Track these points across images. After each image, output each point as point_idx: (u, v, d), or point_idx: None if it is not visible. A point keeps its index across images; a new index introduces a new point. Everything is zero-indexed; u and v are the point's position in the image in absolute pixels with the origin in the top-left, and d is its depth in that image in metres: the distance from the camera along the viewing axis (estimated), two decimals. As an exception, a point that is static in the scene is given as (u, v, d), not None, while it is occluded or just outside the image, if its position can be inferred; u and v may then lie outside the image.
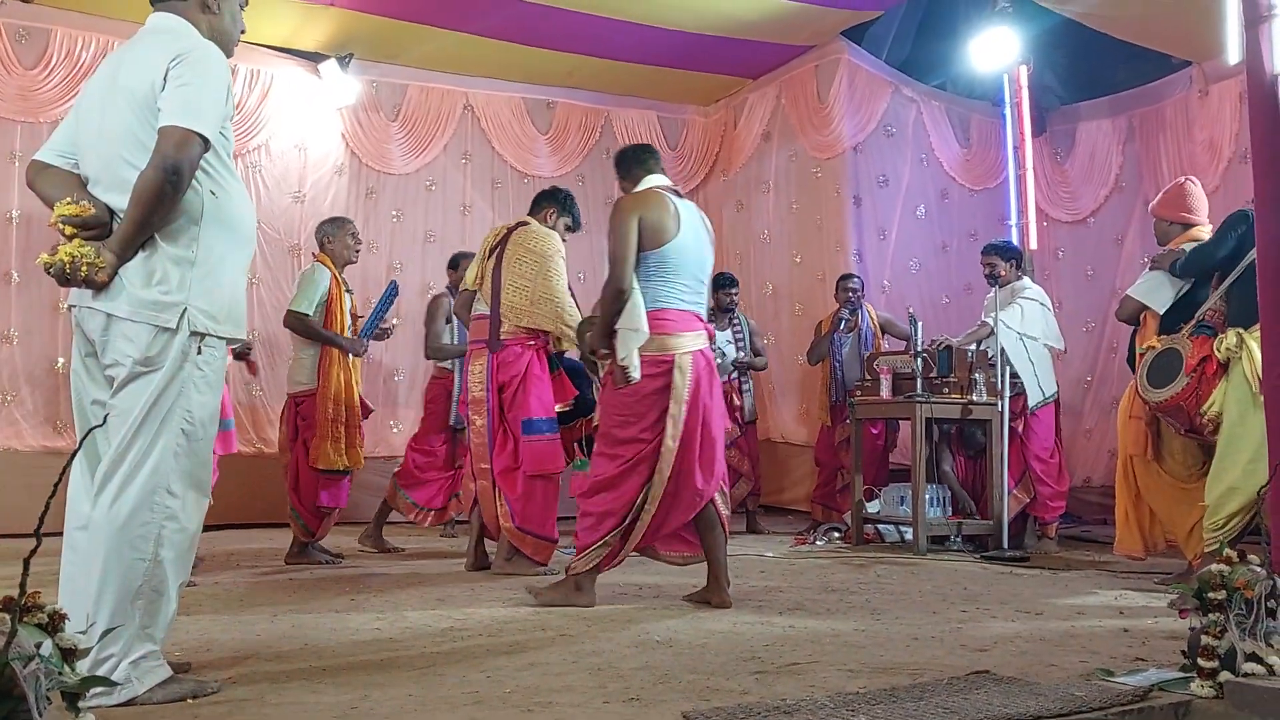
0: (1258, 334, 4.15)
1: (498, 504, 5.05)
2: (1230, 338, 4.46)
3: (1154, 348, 4.73)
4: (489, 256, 5.24)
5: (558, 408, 5.12)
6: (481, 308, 5.23)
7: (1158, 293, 4.98)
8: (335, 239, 5.75)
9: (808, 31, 8.16)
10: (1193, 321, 4.69)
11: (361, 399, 5.81)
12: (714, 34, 8.06)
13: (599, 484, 4.12)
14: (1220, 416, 4.46)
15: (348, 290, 5.76)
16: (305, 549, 5.60)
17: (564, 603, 4.06)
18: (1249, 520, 4.23)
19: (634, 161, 4.36)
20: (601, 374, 4.23)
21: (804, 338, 8.14)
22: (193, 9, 2.79)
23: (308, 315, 5.56)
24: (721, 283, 7.41)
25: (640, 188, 4.24)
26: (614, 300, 4.02)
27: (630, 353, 3.99)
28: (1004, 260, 6.56)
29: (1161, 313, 4.92)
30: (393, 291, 6.00)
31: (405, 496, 6.21)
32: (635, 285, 4.02)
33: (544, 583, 4.39)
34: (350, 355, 5.63)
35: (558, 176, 8.79)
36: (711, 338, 4.35)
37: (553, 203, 5.36)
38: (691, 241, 4.15)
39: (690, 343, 4.11)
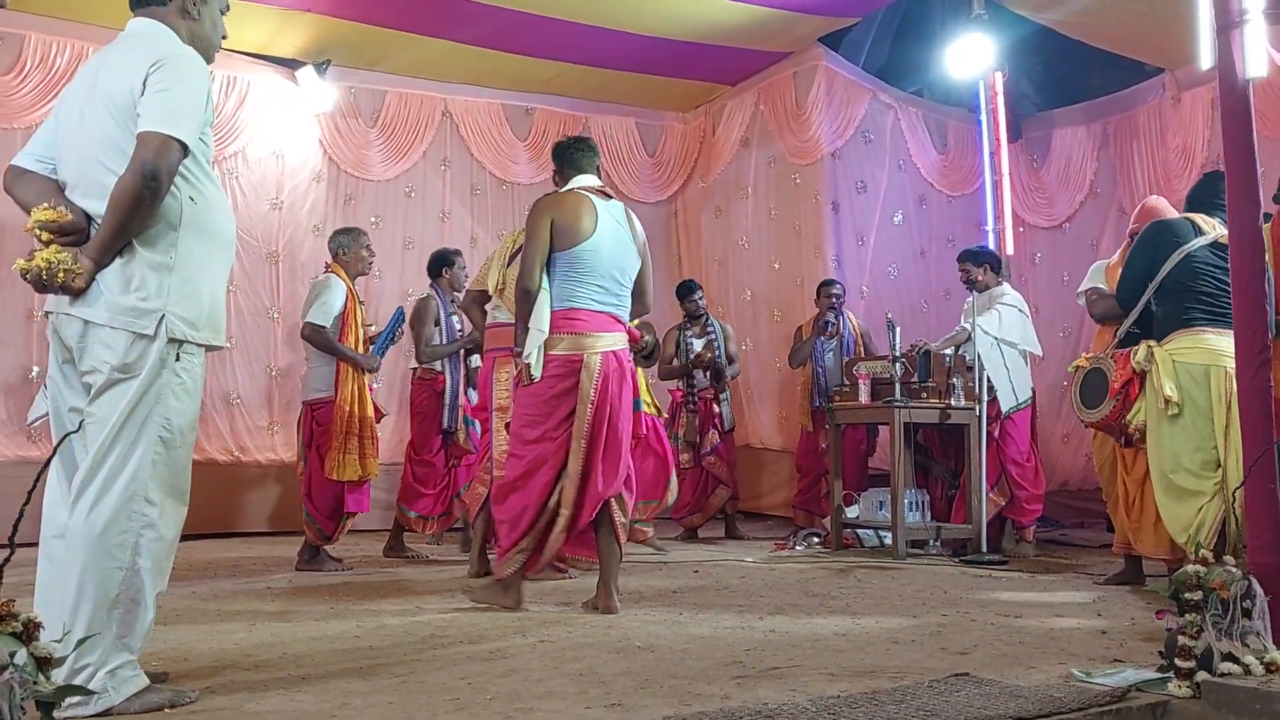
0: (1175, 343, 4.29)
1: None
2: (1141, 351, 4.39)
3: (1081, 367, 4.71)
4: (510, 263, 5.16)
5: None
6: (501, 315, 5.19)
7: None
8: (350, 250, 5.76)
9: (786, 38, 8.20)
10: (1115, 338, 4.67)
11: (375, 405, 5.88)
12: (692, 40, 8.08)
13: (506, 486, 4.14)
14: (1145, 426, 4.37)
15: (360, 302, 5.79)
16: (318, 553, 5.63)
17: (490, 602, 4.08)
18: (1217, 525, 4.12)
19: (566, 160, 4.36)
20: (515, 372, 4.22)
21: (783, 343, 8.16)
22: (172, 14, 2.77)
23: (324, 328, 5.56)
24: (682, 291, 7.44)
25: (567, 187, 4.27)
26: (522, 300, 4.12)
27: (532, 351, 4.05)
28: (976, 266, 6.60)
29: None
30: (398, 319, 6.01)
31: (407, 512, 6.25)
32: (545, 285, 4.08)
33: (479, 583, 4.38)
34: (364, 371, 5.66)
35: (536, 183, 8.79)
36: (635, 340, 4.34)
37: None
38: (607, 242, 4.14)
39: (601, 343, 4.11)
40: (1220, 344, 4.16)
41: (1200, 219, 4.44)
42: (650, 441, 6.27)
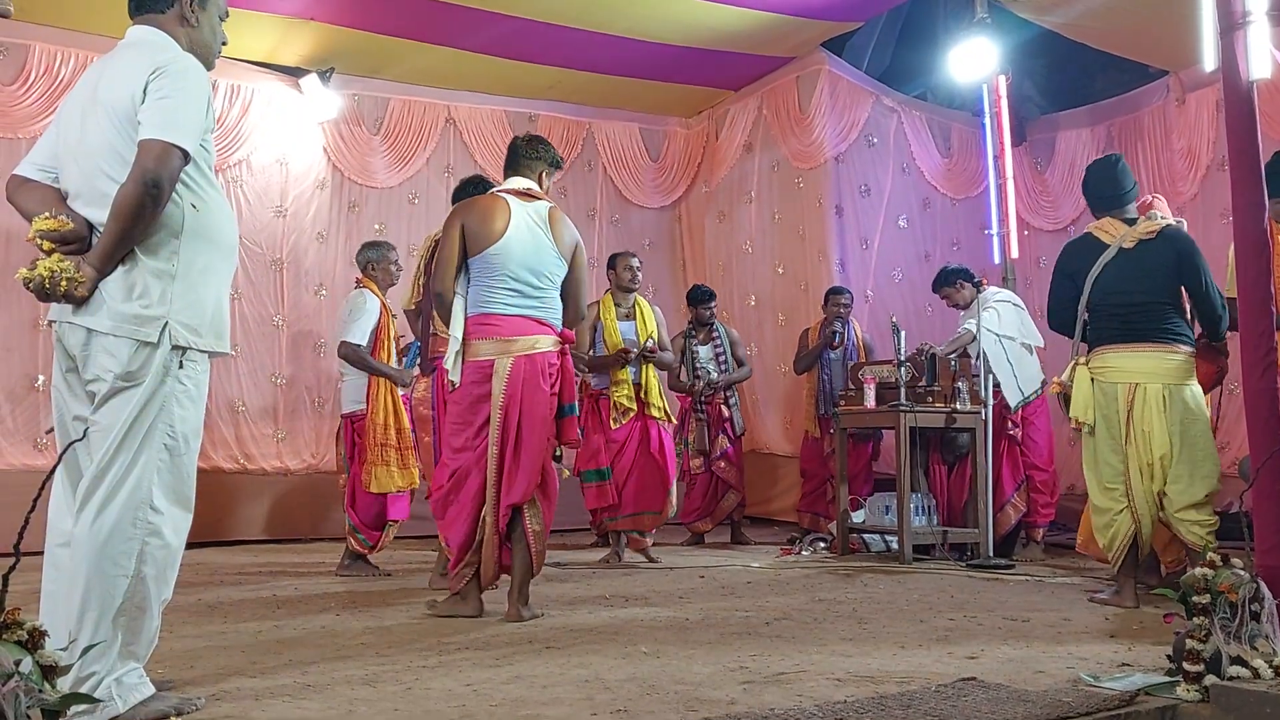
0: (1095, 361, 4.43)
1: None
2: (1066, 370, 4.60)
3: (1056, 394, 4.82)
4: (423, 273, 5.23)
5: None
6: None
7: None
8: (379, 265, 5.82)
9: (789, 43, 8.20)
10: (1073, 357, 4.76)
11: None
12: (695, 46, 8.09)
13: (442, 499, 4.17)
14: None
15: (393, 315, 5.84)
16: (358, 560, 5.67)
17: (451, 614, 4.08)
18: (1128, 538, 4.36)
19: (508, 164, 4.38)
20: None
21: (788, 348, 8.15)
22: (171, 22, 2.78)
23: (361, 346, 5.62)
24: (698, 297, 7.40)
25: (494, 189, 4.32)
26: (437, 303, 4.20)
27: (450, 357, 4.10)
28: (953, 287, 6.66)
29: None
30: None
31: None
32: (459, 293, 4.11)
33: (444, 596, 4.33)
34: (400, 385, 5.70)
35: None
36: (569, 341, 4.28)
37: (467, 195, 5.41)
38: (518, 243, 4.12)
39: (516, 347, 4.09)
40: (1127, 362, 4.35)
41: (1105, 227, 4.51)
42: (652, 451, 6.25)
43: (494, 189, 4.31)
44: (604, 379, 6.34)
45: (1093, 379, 4.44)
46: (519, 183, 4.28)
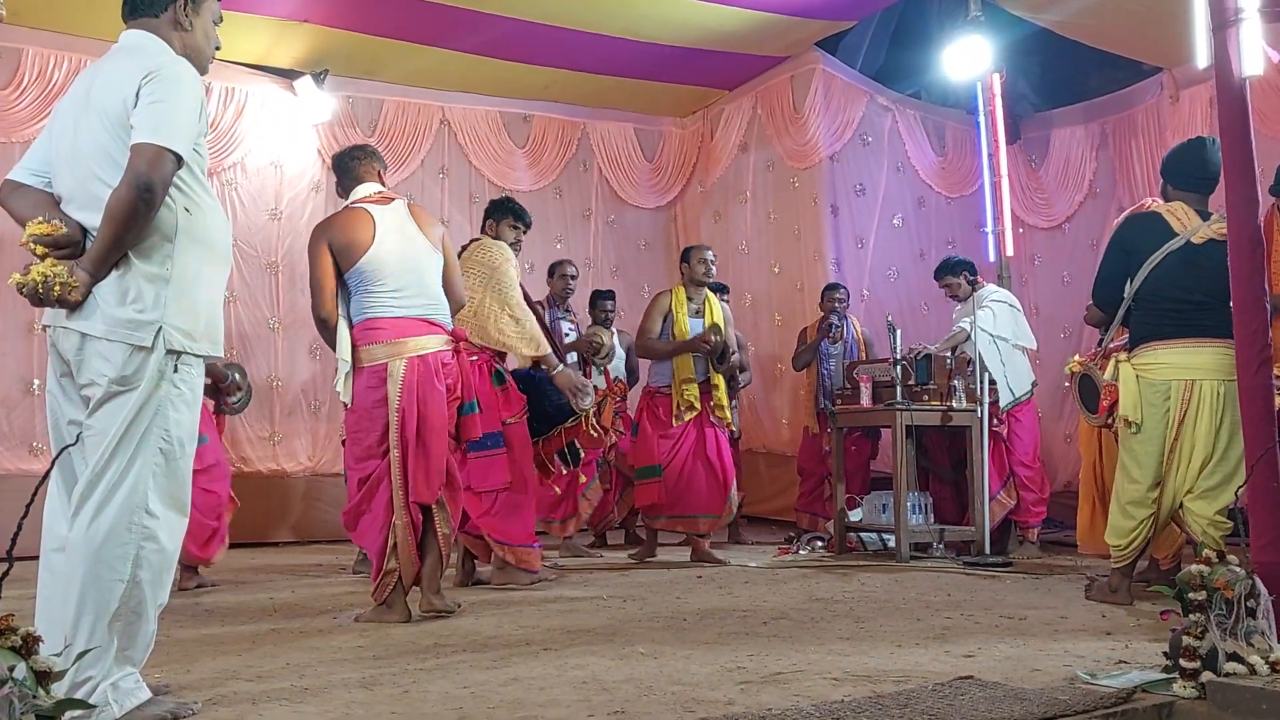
0: (1140, 357, 4.24)
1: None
2: (1110, 368, 4.41)
3: (1075, 372, 4.69)
4: None
5: (510, 419, 4.98)
6: None
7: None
8: None
9: (783, 42, 8.21)
10: (1100, 347, 4.66)
11: None
12: (690, 46, 8.09)
13: (353, 511, 4.18)
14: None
15: None
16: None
17: (377, 621, 4.07)
18: (1145, 538, 4.30)
19: (343, 172, 4.38)
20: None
21: (784, 348, 8.16)
22: (165, 26, 2.77)
23: None
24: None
25: (346, 202, 4.32)
26: (319, 328, 4.22)
27: (339, 380, 4.13)
28: (956, 277, 6.65)
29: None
30: None
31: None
32: (342, 314, 4.11)
33: (369, 608, 4.26)
34: None
35: (535, 190, 8.81)
36: (460, 338, 4.33)
37: (490, 215, 5.43)
38: (391, 248, 4.12)
39: (407, 349, 4.09)
40: (1182, 358, 4.16)
41: (1177, 213, 4.26)
42: (708, 454, 6.13)
43: (347, 203, 4.30)
44: (663, 376, 6.17)
45: (1138, 376, 4.24)
46: (368, 189, 4.29)
